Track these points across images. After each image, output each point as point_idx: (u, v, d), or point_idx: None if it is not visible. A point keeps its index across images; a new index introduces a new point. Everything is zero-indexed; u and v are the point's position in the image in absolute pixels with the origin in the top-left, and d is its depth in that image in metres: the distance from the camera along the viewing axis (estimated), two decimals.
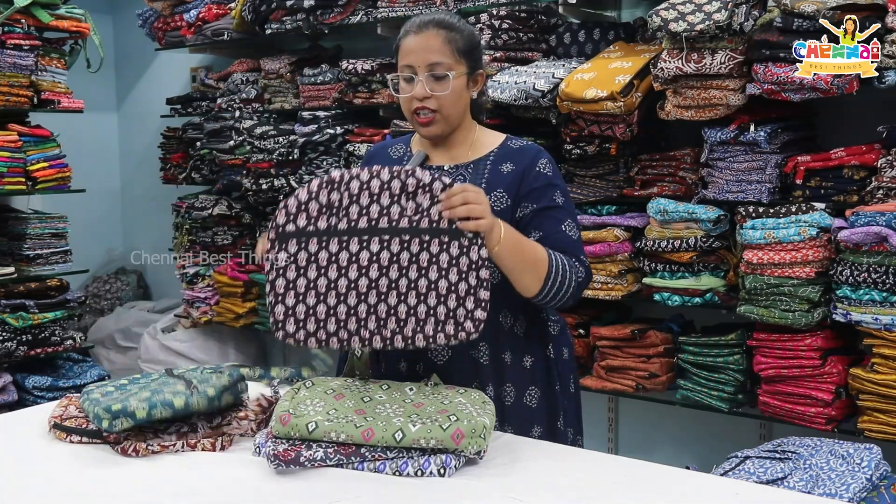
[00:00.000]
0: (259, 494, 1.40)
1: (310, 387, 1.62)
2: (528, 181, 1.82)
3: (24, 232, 3.97)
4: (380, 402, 1.58)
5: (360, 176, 1.59)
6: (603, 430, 3.57)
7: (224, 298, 4.45)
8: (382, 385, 1.65)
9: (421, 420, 1.50)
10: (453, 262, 1.59)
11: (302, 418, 1.50)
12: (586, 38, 3.30)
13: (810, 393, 2.75)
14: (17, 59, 3.77)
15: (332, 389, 1.62)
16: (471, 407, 1.56)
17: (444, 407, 1.55)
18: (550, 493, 1.39)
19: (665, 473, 1.51)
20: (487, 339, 1.80)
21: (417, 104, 1.81)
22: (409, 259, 1.58)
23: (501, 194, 1.81)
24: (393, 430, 1.48)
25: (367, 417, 1.52)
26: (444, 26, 1.81)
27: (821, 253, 2.70)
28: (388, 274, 1.58)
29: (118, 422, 1.52)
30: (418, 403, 1.58)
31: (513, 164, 1.84)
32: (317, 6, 3.79)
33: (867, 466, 1.96)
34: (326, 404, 1.55)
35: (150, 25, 4.67)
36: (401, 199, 1.58)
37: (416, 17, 1.85)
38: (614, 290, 3.12)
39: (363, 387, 1.64)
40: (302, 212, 1.59)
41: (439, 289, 1.59)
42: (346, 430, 1.49)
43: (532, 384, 1.86)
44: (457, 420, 1.50)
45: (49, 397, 3.80)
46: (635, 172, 3.12)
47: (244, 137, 4.13)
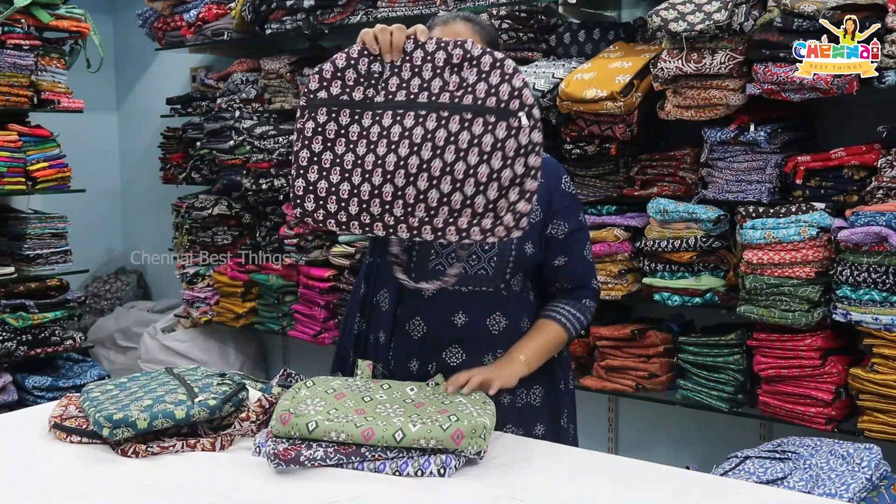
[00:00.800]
0: (259, 494, 1.40)
1: (310, 386, 1.61)
2: (557, 199, 1.85)
3: (24, 232, 3.98)
4: (380, 401, 1.56)
5: (404, 46, 1.45)
6: (603, 430, 3.57)
7: (224, 298, 4.45)
8: (383, 385, 1.64)
9: (421, 420, 1.49)
10: (498, 146, 1.39)
11: (302, 418, 1.48)
12: (586, 38, 3.30)
13: (810, 393, 2.75)
14: (17, 59, 3.77)
15: (332, 389, 1.61)
16: (471, 407, 1.55)
17: (445, 407, 1.55)
18: (550, 493, 1.39)
19: (665, 473, 1.51)
20: (503, 344, 1.83)
21: None
22: (447, 139, 1.41)
23: (535, 206, 1.81)
24: (393, 430, 1.47)
25: (367, 417, 1.50)
26: (469, 20, 1.83)
27: (821, 253, 2.70)
28: (420, 153, 1.42)
29: (119, 431, 1.52)
30: (419, 403, 1.57)
31: (541, 178, 1.83)
32: (317, 6, 3.79)
33: (867, 466, 1.96)
34: (327, 404, 1.53)
35: (150, 25, 4.67)
36: (444, 72, 1.42)
37: (441, 14, 1.87)
38: (614, 290, 3.12)
39: (364, 386, 1.63)
40: (337, 79, 1.46)
41: (479, 175, 1.41)
42: (347, 430, 1.47)
43: (536, 383, 1.87)
44: (457, 420, 1.48)
45: (49, 397, 3.80)
46: (635, 172, 3.12)
47: (244, 137, 4.13)
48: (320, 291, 3.95)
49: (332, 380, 1.66)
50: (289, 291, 4.16)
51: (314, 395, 1.57)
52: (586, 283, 1.91)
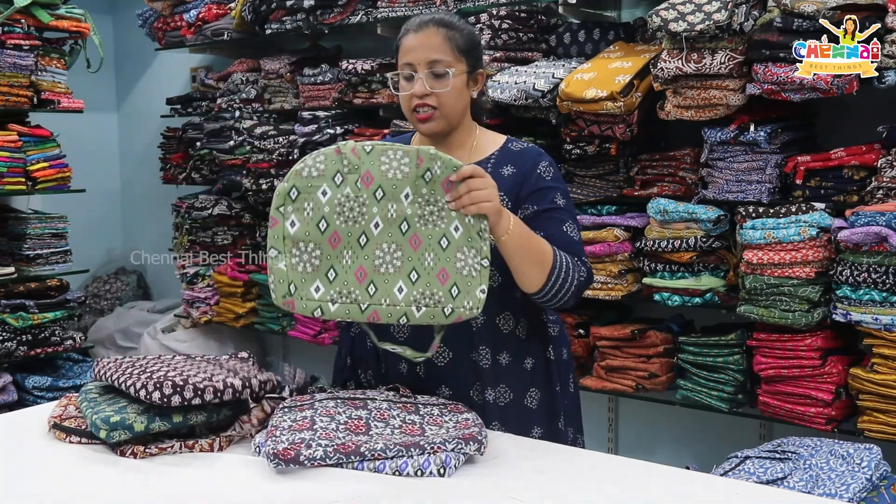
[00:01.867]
0: (259, 494, 1.40)
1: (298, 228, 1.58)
2: (530, 184, 1.81)
3: (24, 232, 3.98)
4: (377, 241, 1.58)
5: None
6: (603, 430, 3.57)
7: (224, 298, 4.45)
8: (376, 194, 1.58)
9: (422, 293, 1.57)
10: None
11: (310, 302, 1.58)
12: (586, 38, 3.30)
13: (810, 393, 2.75)
14: (17, 59, 3.77)
15: (325, 223, 1.58)
16: (469, 266, 1.58)
17: (443, 265, 1.58)
18: (550, 493, 1.39)
19: (665, 473, 1.51)
20: (488, 341, 1.80)
21: (417, 101, 1.80)
22: None
23: (502, 198, 1.79)
24: (398, 315, 1.58)
25: (368, 287, 1.57)
26: (443, 25, 1.81)
27: (821, 253, 2.70)
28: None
29: (116, 433, 1.52)
30: (416, 240, 1.59)
31: (513, 167, 1.84)
32: (317, 6, 3.79)
33: (867, 467, 1.96)
34: (323, 262, 1.57)
35: (150, 25, 4.67)
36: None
37: (416, 17, 1.86)
38: (614, 290, 3.12)
39: (357, 201, 1.58)
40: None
41: None
42: (353, 315, 1.58)
43: (532, 385, 1.85)
44: (458, 294, 1.58)
45: (49, 397, 3.80)
46: (635, 172, 3.12)
47: (244, 137, 4.13)
48: None
49: (320, 197, 1.58)
50: None
51: (307, 240, 1.57)
52: (571, 253, 1.76)
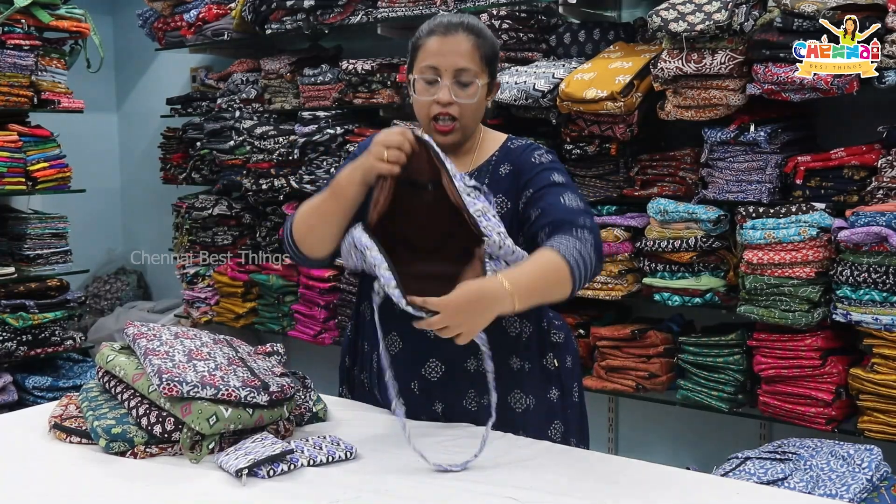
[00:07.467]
0: (258, 495, 1.40)
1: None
2: (525, 173, 1.76)
3: (24, 232, 3.97)
4: None
5: None
6: (603, 430, 3.57)
7: (224, 298, 4.45)
8: None
9: None
10: None
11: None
12: (586, 38, 3.30)
13: (810, 393, 2.74)
14: (17, 59, 3.77)
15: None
16: None
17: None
18: (550, 493, 1.39)
19: (665, 473, 1.51)
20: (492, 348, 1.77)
21: (439, 109, 1.71)
22: None
23: (501, 199, 1.77)
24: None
25: None
26: (473, 31, 1.72)
27: (821, 253, 2.70)
28: None
29: (115, 444, 1.53)
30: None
31: (510, 165, 1.80)
32: (317, 6, 3.79)
33: (867, 467, 1.97)
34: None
35: (150, 25, 4.67)
36: None
37: (442, 17, 1.77)
38: (614, 290, 3.12)
39: None
40: None
41: None
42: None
43: (532, 394, 1.82)
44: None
45: (49, 397, 3.80)
46: (635, 172, 3.12)
47: (244, 137, 4.13)
48: (320, 292, 3.95)
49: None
50: (289, 291, 4.16)
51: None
52: (571, 220, 1.64)
